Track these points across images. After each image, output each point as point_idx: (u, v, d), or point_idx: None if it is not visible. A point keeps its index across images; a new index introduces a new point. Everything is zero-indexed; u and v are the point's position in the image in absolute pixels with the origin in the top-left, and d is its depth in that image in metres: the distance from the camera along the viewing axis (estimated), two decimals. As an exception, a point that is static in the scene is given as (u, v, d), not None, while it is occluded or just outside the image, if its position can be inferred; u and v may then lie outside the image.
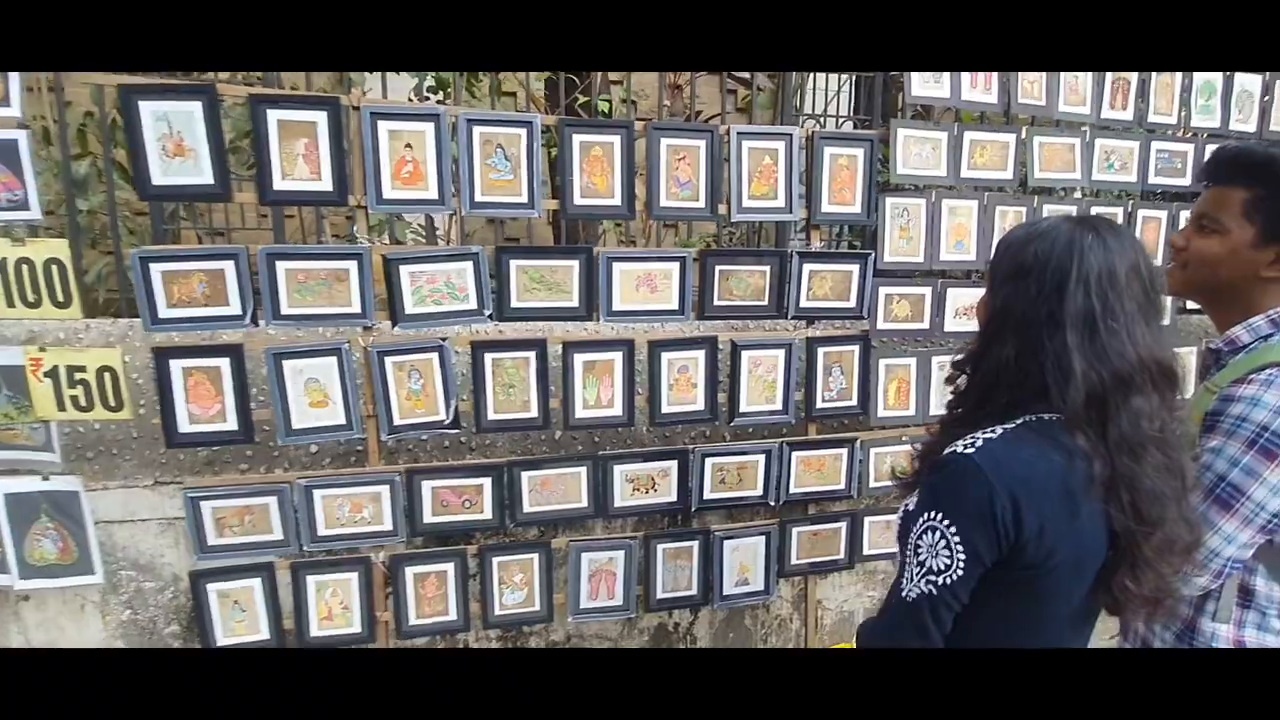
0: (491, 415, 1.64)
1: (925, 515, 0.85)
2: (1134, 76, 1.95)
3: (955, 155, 1.81)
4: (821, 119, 2.78)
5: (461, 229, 2.28)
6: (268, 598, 1.62)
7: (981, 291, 0.94)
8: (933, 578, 0.84)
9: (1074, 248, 0.82)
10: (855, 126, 2.76)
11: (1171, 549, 0.84)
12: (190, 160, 1.42)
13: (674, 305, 1.69)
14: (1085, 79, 1.89)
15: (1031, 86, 1.83)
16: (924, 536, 0.84)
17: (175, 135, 1.41)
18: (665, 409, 1.74)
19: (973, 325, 1.91)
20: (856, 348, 1.84)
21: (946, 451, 0.86)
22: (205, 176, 1.43)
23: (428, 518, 1.66)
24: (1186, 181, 2.06)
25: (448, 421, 1.62)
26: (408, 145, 1.51)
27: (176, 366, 1.49)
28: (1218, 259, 1.01)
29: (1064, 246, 0.83)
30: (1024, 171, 1.88)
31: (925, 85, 1.73)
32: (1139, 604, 0.85)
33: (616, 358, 1.68)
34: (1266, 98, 2.11)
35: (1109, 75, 1.92)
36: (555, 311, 1.64)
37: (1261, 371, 0.94)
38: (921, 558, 0.85)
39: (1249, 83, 2.09)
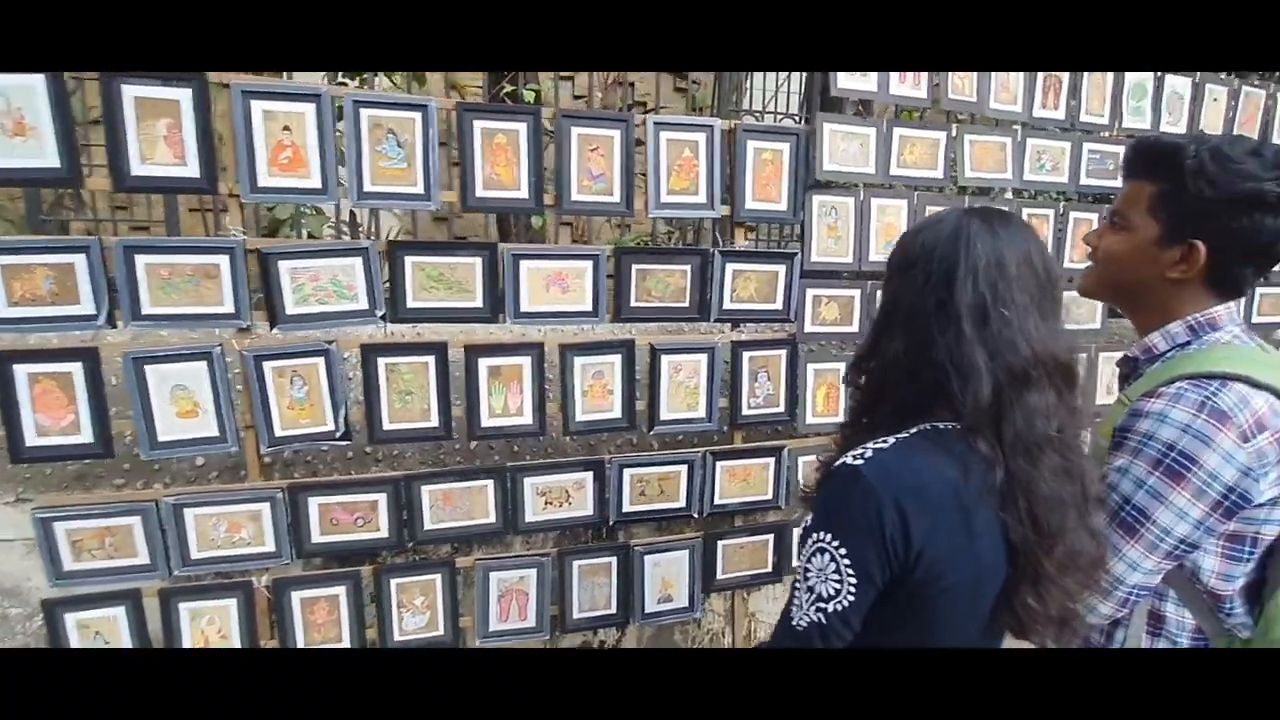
0: (387, 425, 1.51)
1: (815, 535, 0.77)
2: (1066, 76, 1.91)
3: (885, 152, 1.74)
4: (759, 115, 2.70)
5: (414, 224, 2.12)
6: (134, 628, 1.46)
7: None
8: (822, 604, 0.76)
9: (960, 235, 0.77)
10: (797, 123, 2.69)
11: (1076, 563, 0.77)
12: (33, 140, 1.26)
13: (587, 306, 1.58)
14: (1016, 77, 1.84)
15: (962, 83, 1.77)
16: (814, 559, 0.77)
17: (15, 112, 1.25)
18: (580, 417, 1.63)
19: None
20: (784, 352, 1.75)
21: (836, 463, 0.79)
22: (49, 159, 1.27)
23: (316, 537, 1.52)
24: (1118, 183, 2.02)
25: (338, 433, 1.49)
26: (286, 128, 1.37)
27: (21, 372, 1.32)
28: (1124, 258, 0.95)
29: (950, 235, 0.77)
30: (955, 170, 1.83)
31: (852, 79, 1.65)
32: (1044, 624, 0.77)
33: (525, 362, 1.57)
34: (1197, 103, 2.10)
35: (1040, 74, 1.87)
36: (457, 312, 1.52)
37: (1171, 385, 0.87)
38: (810, 583, 0.77)
39: (1179, 85, 2.07)
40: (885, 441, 0.77)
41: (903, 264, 0.81)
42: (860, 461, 0.76)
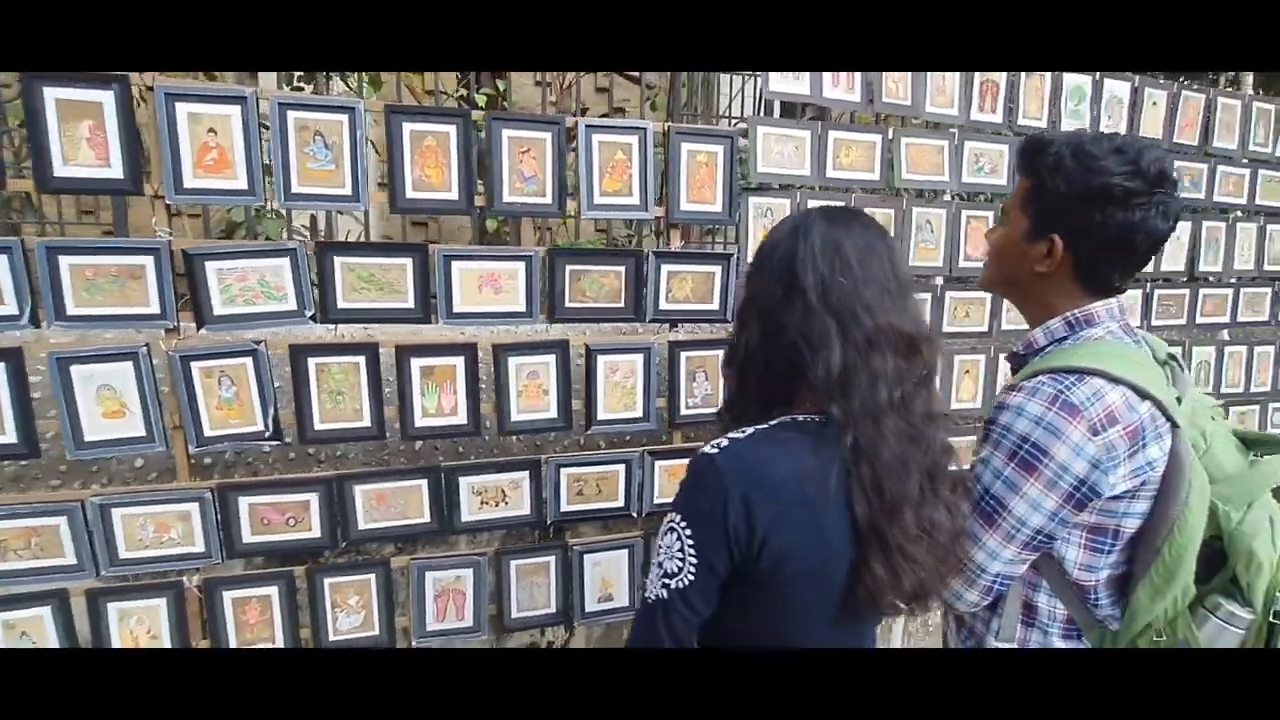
0: (319, 425, 1.52)
1: (669, 516, 0.81)
2: (1003, 79, 1.94)
3: (819, 155, 1.76)
4: (716, 119, 2.72)
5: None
6: (61, 628, 1.45)
7: None
8: (667, 581, 0.80)
9: (800, 227, 0.83)
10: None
11: (928, 534, 0.79)
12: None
13: (521, 307, 1.59)
14: (953, 79, 1.87)
15: (896, 86, 1.80)
16: (665, 537, 0.81)
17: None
18: (515, 417, 1.63)
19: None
20: (721, 352, 1.77)
21: (698, 453, 0.82)
22: (-31, 160, 1.28)
23: (247, 538, 1.52)
24: (1058, 186, 2.05)
25: (267, 433, 1.49)
26: (211, 130, 1.37)
27: (-57, 373, 1.33)
28: (1001, 252, 0.98)
29: (790, 229, 0.83)
30: (891, 172, 1.85)
31: (784, 82, 1.67)
32: (895, 595, 0.79)
33: (458, 362, 1.58)
34: (1138, 110, 2.13)
35: (977, 77, 1.90)
36: (388, 313, 1.52)
37: (1032, 379, 0.88)
38: (660, 559, 0.81)
39: (1118, 88, 2.10)
40: (743, 432, 0.80)
41: (755, 265, 0.86)
42: (715, 451, 0.78)
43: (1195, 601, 0.83)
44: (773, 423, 0.80)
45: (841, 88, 1.75)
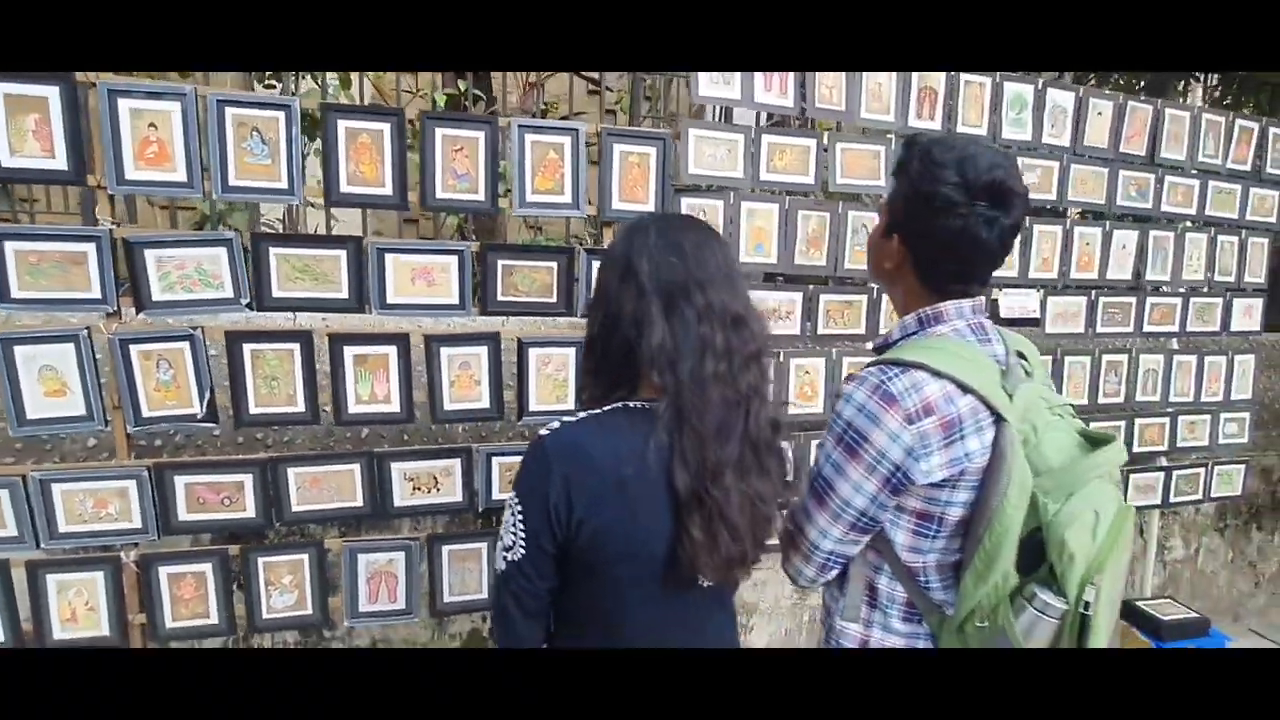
0: (253, 409, 1.58)
1: (510, 493, 0.87)
2: (941, 86, 1.98)
3: (753, 158, 1.81)
4: (674, 120, 2.77)
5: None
6: (2, 597, 1.52)
7: (783, 295, 1.01)
8: (505, 554, 0.86)
9: (636, 226, 0.89)
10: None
11: (754, 503, 0.83)
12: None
13: (454, 300, 1.65)
14: (889, 85, 1.91)
15: (830, 92, 1.84)
16: (505, 513, 0.86)
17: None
18: (447, 406, 1.69)
19: (774, 329, 1.91)
20: (653, 348, 1.81)
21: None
22: (-79, 149, 1.35)
23: (182, 515, 1.58)
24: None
25: (201, 415, 1.55)
26: (151, 125, 1.44)
27: (-107, 351, 1.40)
28: (867, 247, 1.02)
29: (627, 230, 0.90)
30: (826, 176, 1.89)
31: (714, 86, 1.72)
32: (714, 559, 0.84)
33: (390, 352, 1.63)
34: (1083, 120, 2.16)
35: (915, 84, 1.94)
36: (323, 302, 1.59)
37: (865, 369, 0.93)
38: (502, 532, 0.87)
39: (1062, 98, 2.13)
40: (576, 416, 0.85)
41: (601, 262, 0.92)
42: (546, 433, 0.83)
43: (1016, 590, 0.86)
44: (606, 408, 0.86)
45: (774, 92, 1.80)
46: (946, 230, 0.90)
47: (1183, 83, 2.36)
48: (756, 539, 0.86)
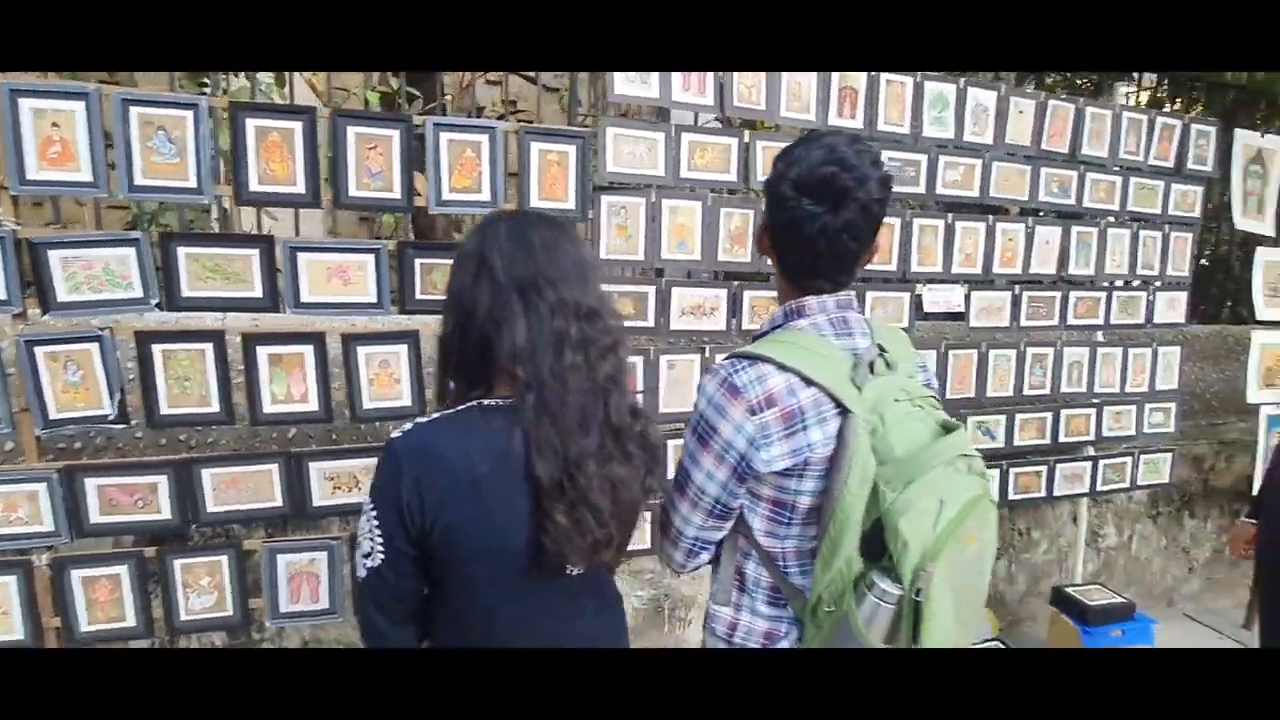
0: (165, 409, 1.57)
1: (365, 499, 0.86)
2: (863, 85, 2.02)
3: (674, 156, 1.83)
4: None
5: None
6: (-91, 604, 1.50)
7: (709, 291, 1.01)
8: (364, 560, 0.86)
9: (487, 224, 0.90)
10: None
11: (616, 489, 0.85)
12: None
13: (371, 298, 1.65)
14: (809, 85, 1.94)
15: (749, 91, 1.87)
16: (361, 520, 0.86)
17: None
18: (367, 405, 1.69)
19: (699, 324, 1.94)
20: (577, 345, 1.83)
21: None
22: None
23: (95, 518, 1.57)
24: (921, 190, 2.13)
25: (113, 416, 1.54)
26: (54, 124, 1.43)
27: None
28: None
29: (478, 228, 0.91)
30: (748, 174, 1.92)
31: (630, 85, 1.74)
32: (577, 544, 0.85)
33: (306, 351, 1.63)
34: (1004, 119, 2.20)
35: (835, 82, 1.97)
36: (235, 302, 1.58)
37: (720, 361, 0.96)
38: (359, 539, 0.86)
39: (983, 97, 2.18)
40: (429, 417, 0.86)
41: (452, 266, 0.92)
42: (399, 435, 0.84)
43: (860, 577, 0.87)
44: (461, 407, 0.87)
45: (692, 91, 1.82)
46: (780, 225, 0.94)
47: (1116, 84, 2.42)
48: (622, 522, 0.88)
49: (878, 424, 0.88)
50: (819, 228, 0.91)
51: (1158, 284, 2.57)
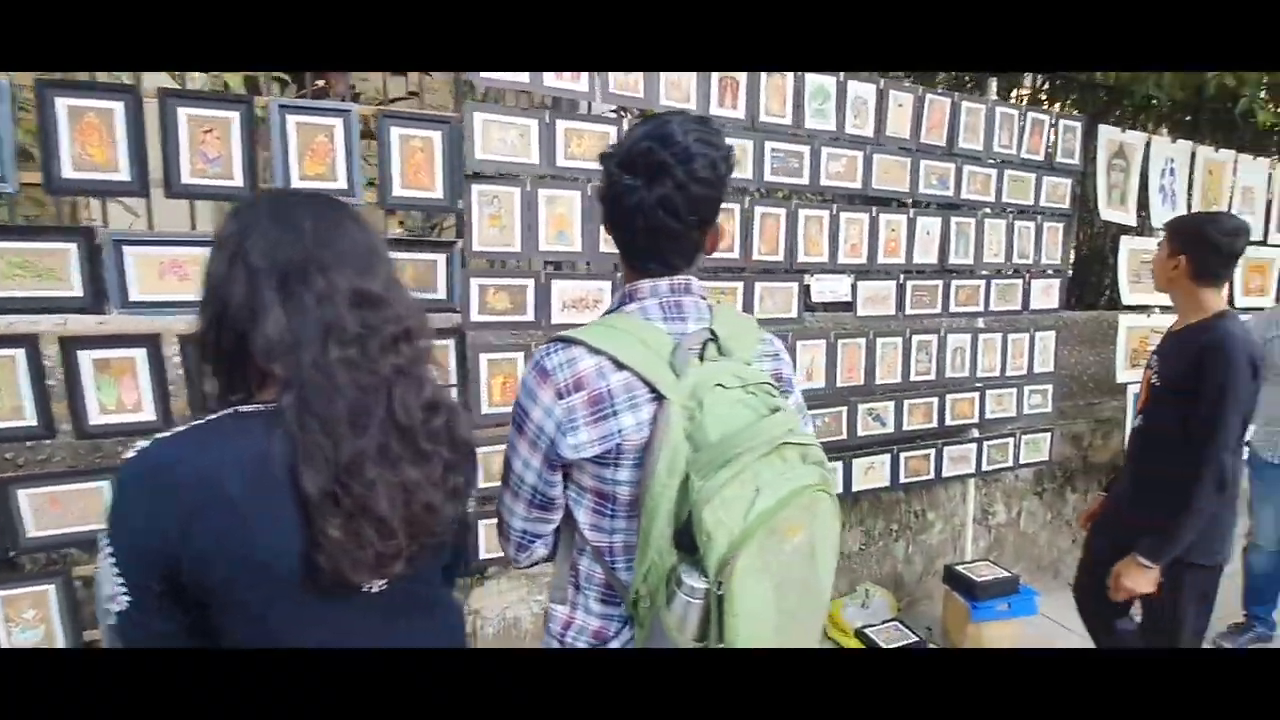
0: (-32, 424, 1.39)
1: (100, 534, 0.74)
2: (744, 76, 2.01)
3: (549, 144, 1.76)
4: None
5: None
6: None
7: (591, 284, 0.92)
8: (108, 606, 0.72)
9: (243, 210, 0.80)
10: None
11: (409, 491, 0.77)
12: None
13: (214, 296, 1.52)
14: (689, 75, 1.91)
15: (627, 77, 1.82)
16: (98, 559, 0.73)
17: None
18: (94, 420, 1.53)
19: (582, 317, 1.88)
20: (451, 341, 1.74)
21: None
22: None
23: (-117, 550, 1.38)
24: (805, 180, 2.15)
25: (-100, 433, 1.36)
26: None
27: None
28: None
29: (233, 212, 0.80)
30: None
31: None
32: (367, 560, 0.76)
33: (138, 355, 1.48)
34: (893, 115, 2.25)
35: (715, 73, 1.95)
36: (50, 302, 1.42)
37: (539, 346, 0.92)
38: (98, 581, 0.74)
39: (863, 90, 2.21)
40: (170, 432, 0.75)
41: (209, 253, 0.79)
42: (133, 454, 0.73)
43: (670, 572, 0.82)
44: (211, 417, 0.76)
45: (567, 78, 1.76)
46: (607, 202, 0.90)
47: (988, 79, 2.52)
48: (415, 530, 0.79)
49: (695, 410, 0.84)
50: (635, 202, 0.87)
51: (1033, 271, 2.69)
